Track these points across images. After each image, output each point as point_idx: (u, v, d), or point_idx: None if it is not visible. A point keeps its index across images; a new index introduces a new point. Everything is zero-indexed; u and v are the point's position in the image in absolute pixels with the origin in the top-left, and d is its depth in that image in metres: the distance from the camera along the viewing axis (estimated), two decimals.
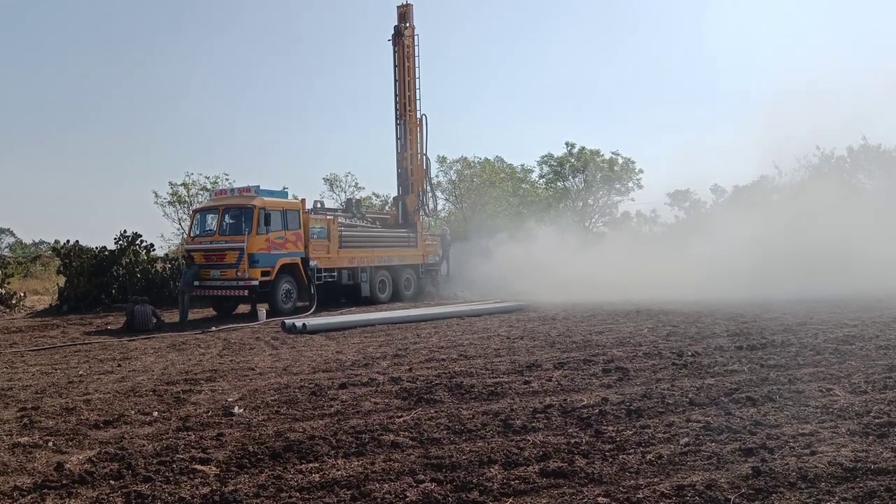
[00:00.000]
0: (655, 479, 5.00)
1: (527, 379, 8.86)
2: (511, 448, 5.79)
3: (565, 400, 7.58)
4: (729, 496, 4.65)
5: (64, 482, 5.25)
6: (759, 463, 5.26)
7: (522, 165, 56.19)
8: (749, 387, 8.01)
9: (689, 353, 10.50)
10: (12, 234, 68.46)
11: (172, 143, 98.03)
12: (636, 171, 54.44)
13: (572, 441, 5.98)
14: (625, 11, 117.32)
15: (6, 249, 62.07)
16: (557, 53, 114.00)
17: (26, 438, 6.62)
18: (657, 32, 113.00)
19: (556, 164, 55.34)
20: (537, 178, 57.14)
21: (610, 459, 5.48)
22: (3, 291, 23.05)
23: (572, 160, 54.31)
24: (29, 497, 4.98)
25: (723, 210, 41.25)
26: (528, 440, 6.04)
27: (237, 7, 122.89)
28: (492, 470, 5.28)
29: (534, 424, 6.59)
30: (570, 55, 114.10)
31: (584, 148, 54.18)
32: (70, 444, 6.45)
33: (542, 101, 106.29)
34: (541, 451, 5.71)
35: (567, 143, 54.51)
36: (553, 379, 8.83)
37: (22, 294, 24.52)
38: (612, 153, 54.14)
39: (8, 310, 22.66)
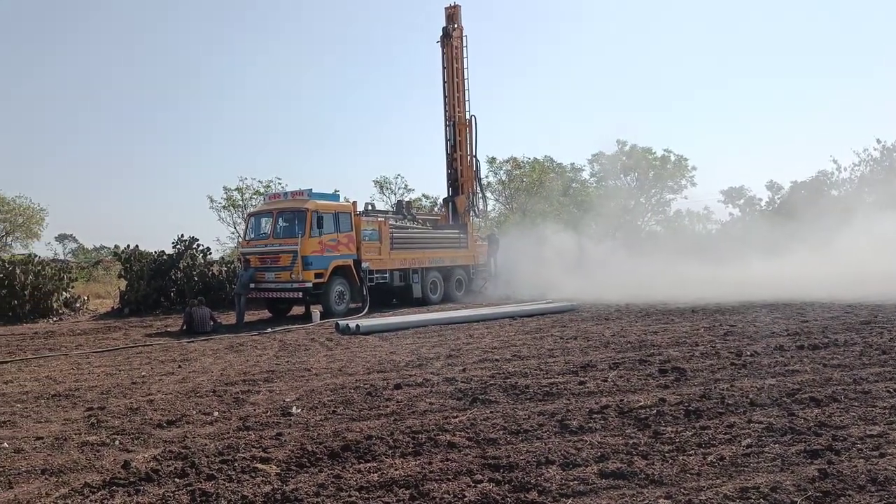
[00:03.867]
0: (718, 481, 4.91)
1: (582, 379, 8.79)
2: (568, 448, 5.75)
3: (622, 400, 7.50)
4: (795, 499, 4.54)
5: (131, 480, 5.39)
6: (826, 465, 5.12)
7: (572, 164, 55.89)
8: (812, 387, 7.82)
9: (748, 353, 10.29)
10: (75, 239, 70.78)
11: (226, 148, 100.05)
12: (689, 168, 53.62)
13: (630, 442, 5.92)
14: (682, 5, 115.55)
15: (69, 255, 64.09)
16: (607, 49, 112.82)
17: (94, 437, 6.83)
18: (703, 26, 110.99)
19: (606, 162, 54.81)
20: (588, 177, 56.72)
21: (670, 461, 5.40)
22: (68, 295, 23.80)
23: (623, 158, 53.73)
24: (99, 494, 5.13)
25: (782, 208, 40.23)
26: (586, 441, 5.99)
27: (288, 12, 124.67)
28: (550, 470, 5.25)
29: (590, 425, 6.53)
30: (619, 51, 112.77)
31: (635, 145, 53.57)
32: (136, 442, 6.63)
33: (592, 98, 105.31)
34: (599, 451, 5.66)
35: (618, 141, 54.00)
36: (608, 379, 8.74)
37: (85, 298, 25.29)
38: (664, 150, 53.42)
39: (73, 313, 23.39)
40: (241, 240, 26.26)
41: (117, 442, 6.64)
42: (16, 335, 17.66)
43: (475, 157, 27.80)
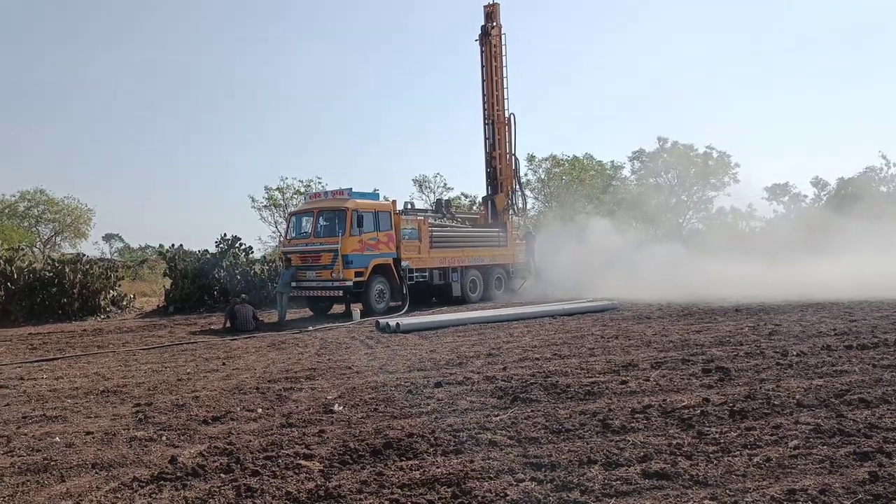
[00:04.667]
0: (764, 483, 4.84)
1: (623, 379, 8.72)
2: (611, 448, 5.71)
3: (664, 400, 7.42)
4: (844, 502, 4.45)
5: (178, 475, 5.49)
6: (877, 468, 5.01)
7: (612, 162, 55.49)
8: (861, 388, 7.65)
9: (795, 353, 10.10)
10: (121, 239, 72.36)
11: (267, 148, 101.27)
12: (732, 165, 52.78)
13: (674, 442, 5.85)
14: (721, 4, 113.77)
15: (116, 254, 65.51)
16: (647, 46, 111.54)
17: (142, 433, 6.97)
18: (747, 20, 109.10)
19: (647, 159, 54.26)
20: (628, 175, 56.20)
21: (714, 461, 5.33)
22: (115, 294, 24.33)
23: (665, 155, 53.11)
24: (147, 488, 5.23)
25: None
26: (628, 440, 5.95)
27: (329, 12, 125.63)
28: (592, 470, 5.22)
29: (633, 425, 6.48)
30: (660, 47, 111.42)
31: (676, 142, 52.92)
32: (182, 438, 6.75)
33: (632, 95, 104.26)
34: (641, 451, 5.61)
35: (659, 138, 53.41)
36: (651, 379, 8.66)
37: (132, 296, 25.82)
38: (707, 147, 52.66)
39: (120, 311, 23.91)
40: (282, 239, 26.55)
41: (164, 437, 6.77)
42: (66, 332, 18.12)
43: (514, 155, 27.73)
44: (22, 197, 51.44)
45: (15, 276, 22.06)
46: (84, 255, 26.50)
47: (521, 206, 28.92)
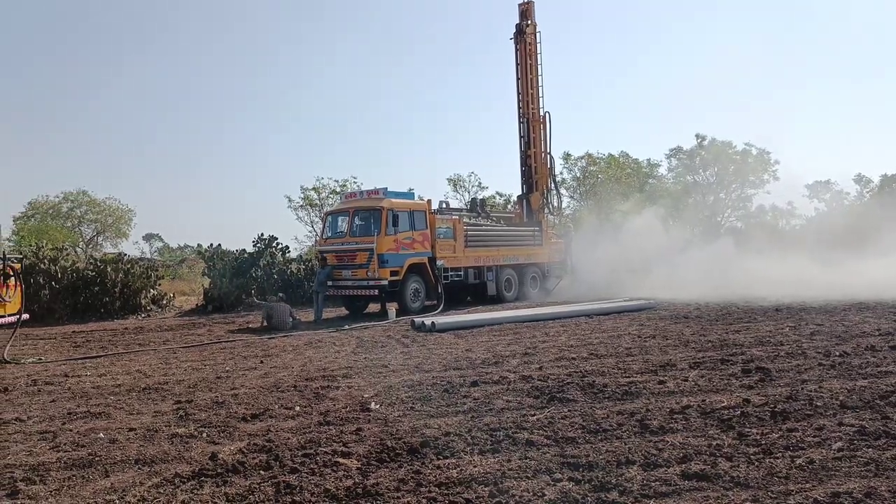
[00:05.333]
0: (807, 485, 4.75)
1: (661, 379, 8.63)
2: (649, 449, 5.66)
3: (703, 401, 7.33)
4: None
5: (219, 471, 5.57)
6: None
7: (649, 160, 54.98)
8: None
9: (837, 353, 9.91)
10: (160, 238, 73.56)
11: (303, 148, 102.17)
12: (771, 162, 51.91)
13: (714, 443, 5.78)
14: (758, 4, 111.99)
15: (155, 253, 66.64)
16: (684, 39, 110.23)
17: (182, 429, 7.08)
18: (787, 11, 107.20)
19: (685, 157, 53.63)
20: (665, 173, 55.60)
21: (756, 463, 5.25)
22: (155, 293, 24.75)
23: (703, 153, 52.45)
24: (189, 484, 5.32)
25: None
26: (667, 441, 5.89)
27: (364, 11, 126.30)
28: (630, 470, 5.18)
29: (672, 425, 6.41)
30: (696, 40, 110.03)
31: (714, 140, 52.20)
32: (222, 435, 6.84)
33: (669, 91, 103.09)
34: (681, 452, 5.55)
35: (697, 136, 52.75)
36: (689, 379, 8.56)
37: (171, 295, 26.25)
38: (746, 144, 51.85)
39: (160, 309, 24.31)
40: (318, 238, 26.75)
41: (204, 434, 6.87)
42: (108, 331, 18.48)
43: (549, 153, 27.63)
44: (65, 198, 52.59)
45: (59, 276, 22.56)
46: (125, 254, 27.05)
47: (556, 204, 28.81)
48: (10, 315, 13.63)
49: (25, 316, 14.61)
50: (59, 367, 12.01)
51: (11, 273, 13.64)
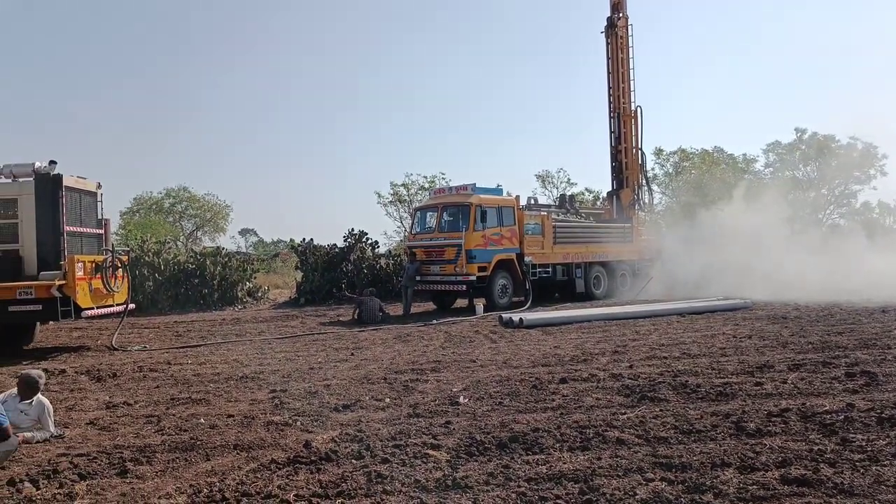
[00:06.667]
0: None
1: (758, 380, 8.36)
2: (746, 452, 5.49)
3: (804, 404, 7.05)
4: None
5: (312, 459, 5.72)
6: None
7: (745, 155, 53.14)
8: None
9: None
10: (255, 233, 75.90)
11: (392, 145, 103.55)
12: (879, 156, 49.29)
13: (815, 448, 5.55)
14: None
15: (250, 247, 68.86)
16: (782, 29, 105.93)
17: (278, 417, 7.31)
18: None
19: (783, 151, 51.58)
20: (762, 168, 53.65)
21: (861, 470, 5.02)
22: (251, 285, 25.63)
23: (803, 147, 50.31)
24: (284, 470, 5.49)
25: None
26: (765, 444, 5.69)
27: (455, 10, 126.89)
28: (726, 473, 5.04)
29: (769, 428, 6.20)
30: (795, 29, 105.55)
31: (816, 133, 49.98)
32: (315, 424, 7.03)
33: (767, 83, 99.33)
34: (779, 456, 5.37)
35: (797, 129, 50.67)
36: (788, 381, 8.25)
37: (266, 288, 27.09)
38: (850, 138, 49.39)
39: (255, 302, 25.15)
40: (407, 234, 27.06)
41: (299, 423, 7.07)
42: (206, 321, 19.24)
43: (641, 149, 27.09)
44: (167, 194, 55.07)
45: (162, 268, 23.67)
46: (223, 248, 28.04)
47: (647, 200, 28.24)
48: (118, 305, 14.38)
49: (132, 306, 15.39)
50: (162, 355, 12.59)
51: (120, 265, 14.38)
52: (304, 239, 26.93)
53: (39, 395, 6.92)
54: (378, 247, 28.28)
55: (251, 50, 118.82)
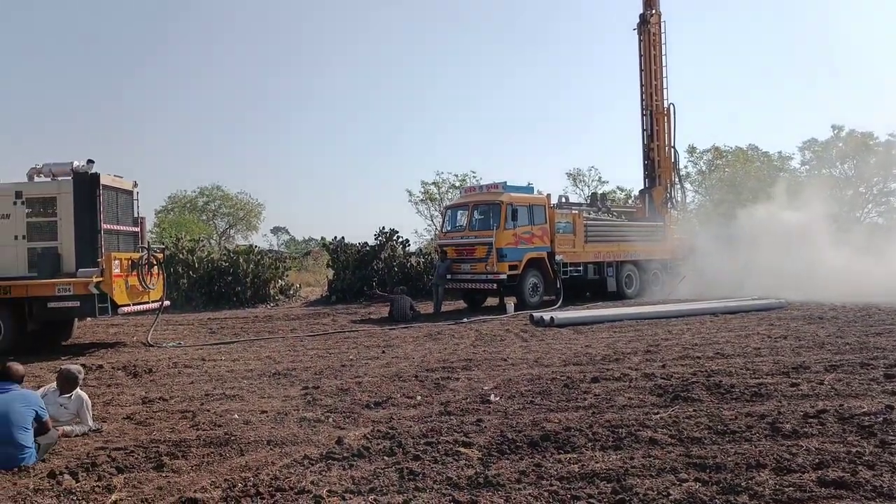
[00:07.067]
0: None
1: (794, 381, 8.23)
2: (782, 453, 5.41)
3: (841, 405, 6.93)
4: None
5: (345, 455, 5.76)
6: None
7: (780, 152, 52.33)
8: None
9: None
10: (287, 231, 76.58)
11: (423, 144, 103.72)
12: None
13: (853, 450, 5.45)
14: None
15: (282, 246, 69.47)
16: (819, 21, 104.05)
17: (310, 414, 7.38)
18: None
19: (819, 149, 50.71)
20: (798, 166, 52.80)
21: None
22: (283, 283, 25.85)
23: (840, 144, 49.40)
24: (317, 466, 5.53)
25: None
26: (801, 446, 5.61)
27: (483, 9, 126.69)
28: (762, 474, 4.98)
29: (806, 430, 6.10)
30: (831, 23, 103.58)
31: (853, 130, 49.05)
32: (347, 421, 7.08)
33: (802, 80, 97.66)
34: (816, 458, 5.28)
35: (833, 126, 49.78)
36: (825, 382, 8.12)
37: (297, 286, 27.32)
38: (890, 135, 48.38)
39: (287, 299, 25.37)
40: (438, 232, 27.08)
41: (331, 419, 7.13)
42: (239, 318, 19.46)
43: (673, 146, 26.83)
44: (201, 193, 55.78)
45: (196, 266, 24.00)
46: (256, 246, 28.33)
47: (680, 199, 27.95)
48: (154, 302, 14.61)
49: (167, 303, 15.63)
50: (196, 352, 12.77)
51: (155, 263, 14.60)
52: (335, 237, 27.14)
53: (78, 389, 7.07)
54: (409, 245, 28.36)
55: (284, 49, 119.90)
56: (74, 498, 4.99)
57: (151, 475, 5.46)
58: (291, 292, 26.13)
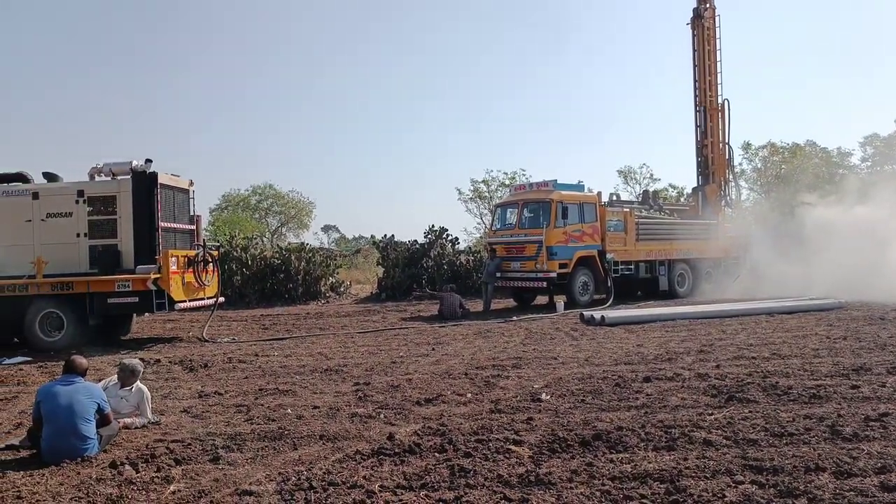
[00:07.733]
0: None
1: (854, 383, 8.02)
2: (842, 456, 5.28)
3: None
4: None
5: (396, 451, 5.81)
6: None
7: (839, 148, 50.97)
8: None
9: None
10: (337, 230, 77.43)
11: (473, 142, 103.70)
12: None
13: None
14: None
15: (333, 243, 70.21)
16: (875, 14, 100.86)
17: (362, 410, 7.45)
18: None
19: (882, 144, 49.21)
20: (858, 162, 51.34)
21: None
22: (334, 280, 26.12)
23: None
24: (369, 461, 5.59)
25: None
26: (862, 449, 5.46)
27: (527, 9, 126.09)
28: (821, 478, 4.86)
29: (867, 433, 5.94)
30: (889, 14, 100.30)
31: None
32: (398, 417, 7.13)
33: (863, 73, 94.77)
34: (878, 462, 5.14)
35: None
36: (887, 385, 7.88)
37: (348, 283, 27.57)
38: None
39: (337, 296, 25.63)
40: (487, 230, 27.05)
41: (382, 415, 7.19)
42: (291, 315, 19.74)
43: (728, 143, 26.30)
44: (254, 191, 56.69)
45: (249, 263, 24.40)
46: (307, 244, 28.67)
47: (734, 197, 27.39)
48: (209, 298, 14.92)
49: (221, 299, 15.94)
50: (250, 347, 13.00)
51: (211, 260, 14.91)
52: (385, 235, 27.29)
53: (138, 382, 7.26)
54: (458, 243, 28.39)
55: (337, 50, 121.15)
56: (135, 488, 5.14)
57: (208, 467, 5.58)
58: (342, 290, 26.38)
